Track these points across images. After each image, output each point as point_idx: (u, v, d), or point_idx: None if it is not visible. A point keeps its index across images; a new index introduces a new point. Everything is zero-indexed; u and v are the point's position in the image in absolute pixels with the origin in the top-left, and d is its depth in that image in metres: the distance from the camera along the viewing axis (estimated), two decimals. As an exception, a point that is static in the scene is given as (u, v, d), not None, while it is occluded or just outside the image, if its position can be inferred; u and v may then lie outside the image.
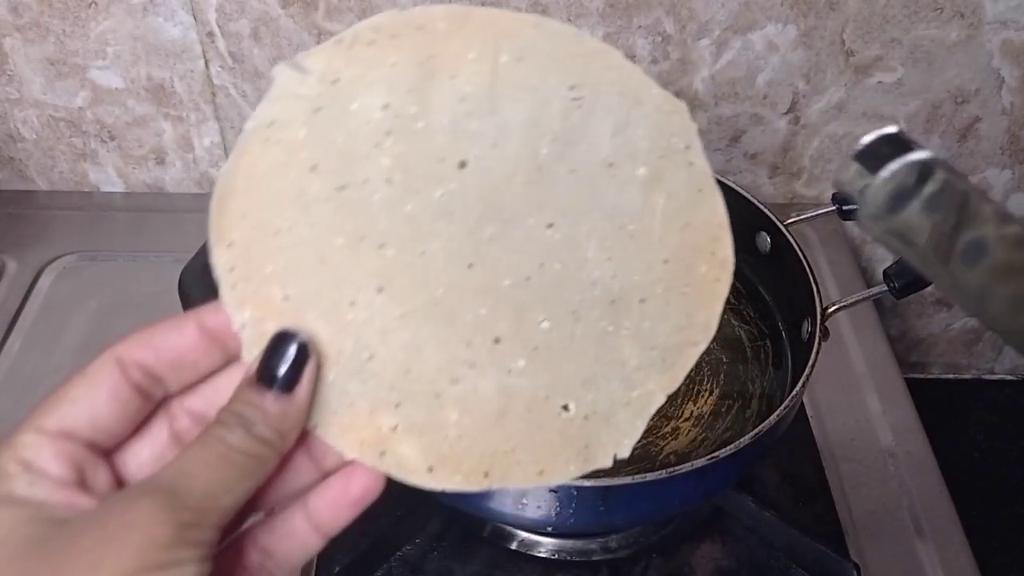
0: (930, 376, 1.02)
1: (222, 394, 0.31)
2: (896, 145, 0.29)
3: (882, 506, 0.65)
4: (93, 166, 0.87)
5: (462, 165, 0.33)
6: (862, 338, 0.76)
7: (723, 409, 0.60)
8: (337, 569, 0.56)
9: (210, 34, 0.77)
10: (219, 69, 0.79)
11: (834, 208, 0.61)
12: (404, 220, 0.33)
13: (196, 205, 0.87)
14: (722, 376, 0.62)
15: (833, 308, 0.57)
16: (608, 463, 0.35)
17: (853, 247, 0.89)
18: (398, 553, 0.59)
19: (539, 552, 0.60)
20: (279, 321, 0.31)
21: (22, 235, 0.83)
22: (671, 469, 0.47)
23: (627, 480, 0.47)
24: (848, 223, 0.84)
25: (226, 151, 0.85)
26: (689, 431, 0.59)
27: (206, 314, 0.31)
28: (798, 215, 0.62)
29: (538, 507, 0.49)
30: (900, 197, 0.29)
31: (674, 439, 0.58)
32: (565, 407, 0.34)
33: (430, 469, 0.33)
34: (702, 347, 0.35)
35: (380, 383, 0.32)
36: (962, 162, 0.85)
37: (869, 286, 0.59)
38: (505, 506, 0.49)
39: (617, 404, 0.35)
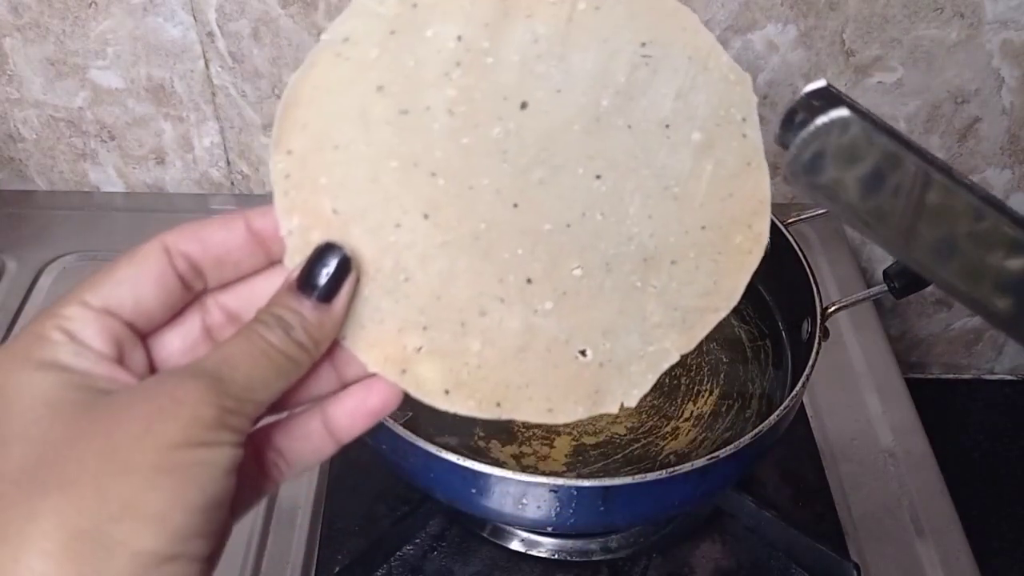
0: (930, 376, 1.02)
1: (258, 295, 0.32)
2: (824, 100, 0.30)
3: (882, 506, 0.65)
4: (93, 166, 0.87)
5: (523, 106, 0.33)
6: (862, 338, 0.76)
7: (723, 409, 0.60)
8: (337, 569, 0.56)
9: (210, 34, 0.77)
10: (219, 69, 0.79)
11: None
12: (459, 152, 0.33)
13: (196, 205, 0.87)
14: (722, 376, 0.62)
15: (833, 308, 0.57)
16: (614, 410, 0.36)
17: (853, 247, 0.89)
18: (398, 553, 0.59)
19: (539, 552, 0.60)
20: (325, 232, 0.32)
21: (22, 235, 0.83)
22: (671, 469, 0.47)
23: (627, 480, 0.47)
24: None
25: (226, 151, 0.85)
26: (689, 431, 0.59)
27: (255, 216, 0.32)
28: (798, 215, 0.62)
29: (538, 507, 0.49)
30: (818, 155, 0.30)
31: (674, 439, 0.58)
32: (583, 352, 0.35)
33: (446, 392, 0.35)
34: (723, 314, 0.36)
35: (411, 305, 0.34)
36: (962, 162, 0.85)
37: (869, 286, 0.59)
38: (505, 506, 0.49)
39: (633, 356, 0.36)
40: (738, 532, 0.61)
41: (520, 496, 0.48)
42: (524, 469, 0.56)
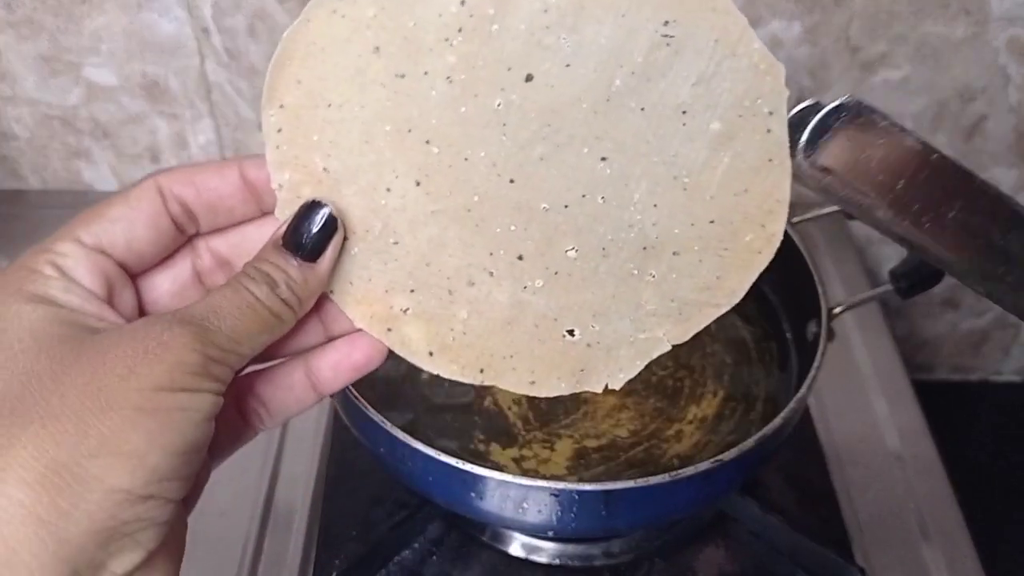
0: (937, 378, 1.01)
1: (250, 242, 0.33)
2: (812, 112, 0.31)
3: (888, 510, 0.64)
4: (87, 164, 0.86)
5: (528, 78, 0.32)
6: (868, 339, 0.76)
7: (727, 412, 0.59)
8: (334, 574, 0.56)
9: (205, 30, 0.76)
10: (214, 66, 0.78)
11: (839, 208, 0.60)
12: (456, 121, 0.32)
13: (192, 204, 0.87)
14: (726, 378, 0.61)
15: (839, 309, 0.56)
16: (598, 389, 0.36)
17: (858, 247, 0.88)
18: (396, 558, 0.58)
19: (540, 557, 0.59)
20: (315, 190, 0.33)
21: (15, 234, 0.82)
22: (674, 473, 0.46)
23: (630, 484, 0.46)
24: (854, 223, 0.83)
25: (221, 149, 0.84)
26: (693, 434, 0.58)
27: (249, 165, 0.33)
28: (803, 215, 0.62)
29: (539, 511, 0.48)
30: (827, 137, 0.31)
31: (677, 442, 0.57)
32: (571, 331, 0.35)
33: (430, 353, 0.35)
34: (722, 310, 0.35)
35: (400, 268, 0.34)
36: (969, 160, 0.84)
37: (875, 287, 0.58)
38: (505, 510, 0.49)
39: (622, 340, 0.35)
40: (742, 536, 0.60)
41: (521, 500, 0.47)
42: (525, 473, 0.55)
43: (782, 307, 0.63)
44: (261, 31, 0.76)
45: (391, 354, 0.36)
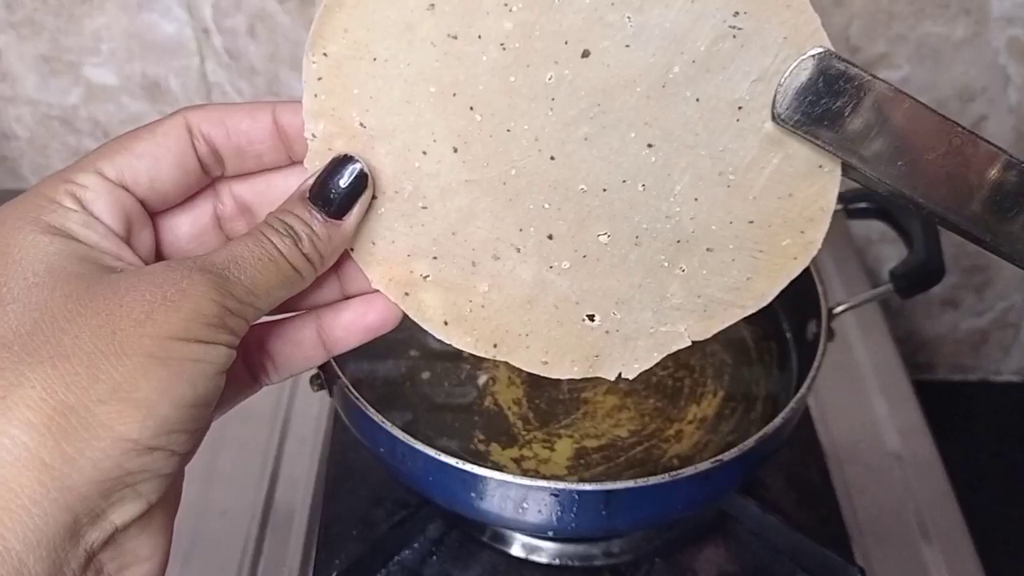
0: (936, 378, 1.01)
1: (275, 191, 0.32)
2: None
3: (888, 509, 0.64)
4: (88, 165, 0.86)
5: (585, 54, 0.31)
6: (868, 339, 0.76)
7: (727, 411, 0.59)
8: (335, 574, 0.56)
9: (205, 30, 0.76)
10: (215, 66, 0.78)
11: (840, 207, 0.60)
12: (503, 90, 0.32)
13: (192, 204, 0.87)
14: (726, 378, 0.61)
15: (839, 309, 0.56)
16: (611, 376, 0.35)
17: (859, 247, 0.88)
18: (396, 558, 0.58)
19: (540, 557, 0.59)
20: (349, 144, 0.32)
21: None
22: (674, 472, 0.46)
23: (630, 484, 0.46)
24: (854, 223, 0.83)
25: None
26: (693, 434, 0.58)
27: (284, 110, 0.32)
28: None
29: (539, 511, 0.48)
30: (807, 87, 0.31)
31: (677, 442, 0.57)
32: (591, 316, 0.35)
33: (445, 323, 0.35)
34: (748, 312, 0.35)
35: (425, 233, 0.33)
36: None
37: (875, 286, 0.58)
38: (505, 510, 0.49)
39: (642, 331, 0.35)
40: (742, 536, 0.60)
41: (521, 500, 0.47)
42: (525, 473, 0.55)
43: (782, 307, 0.63)
44: (261, 32, 0.76)
45: (392, 355, 0.35)
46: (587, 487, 0.46)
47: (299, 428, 0.67)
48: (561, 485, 0.46)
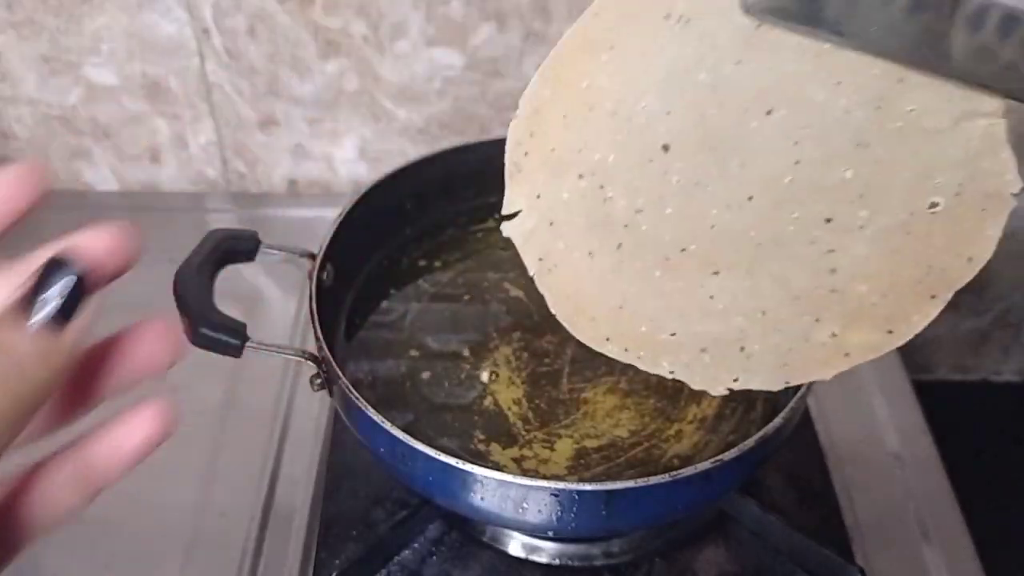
0: (936, 378, 1.01)
1: None
2: None
3: (888, 510, 0.64)
4: (87, 165, 0.86)
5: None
6: (867, 339, 0.75)
7: (727, 411, 0.59)
8: (334, 574, 0.55)
9: (206, 31, 0.76)
10: (215, 66, 0.78)
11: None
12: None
13: (191, 204, 0.87)
14: (726, 378, 0.61)
15: (839, 308, 0.56)
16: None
17: (857, 247, 0.88)
18: (396, 558, 0.58)
19: (540, 557, 0.59)
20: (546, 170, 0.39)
21: (15, 234, 0.81)
22: (674, 472, 0.46)
23: (629, 484, 0.46)
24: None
25: (221, 149, 0.84)
26: (693, 434, 0.58)
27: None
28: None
29: (539, 511, 0.48)
30: None
31: (677, 442, 0.57)
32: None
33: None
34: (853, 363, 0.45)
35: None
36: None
37: (875, 286, 0.58)
38: (505, 510, 0.49)
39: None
40: (742, 536, 0.60)
41: (521, 500, 0.47)
42: (525, 473, 0.55)
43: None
44: (261, 31, 0.76)
45: (392, 355, 0.35)
46: (587, 487, 0.46)
47: (299, 428, 0.67)
48: (561, 485, 0.46)
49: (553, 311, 0.45)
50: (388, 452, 0.50)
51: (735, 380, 0.45)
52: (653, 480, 0.46)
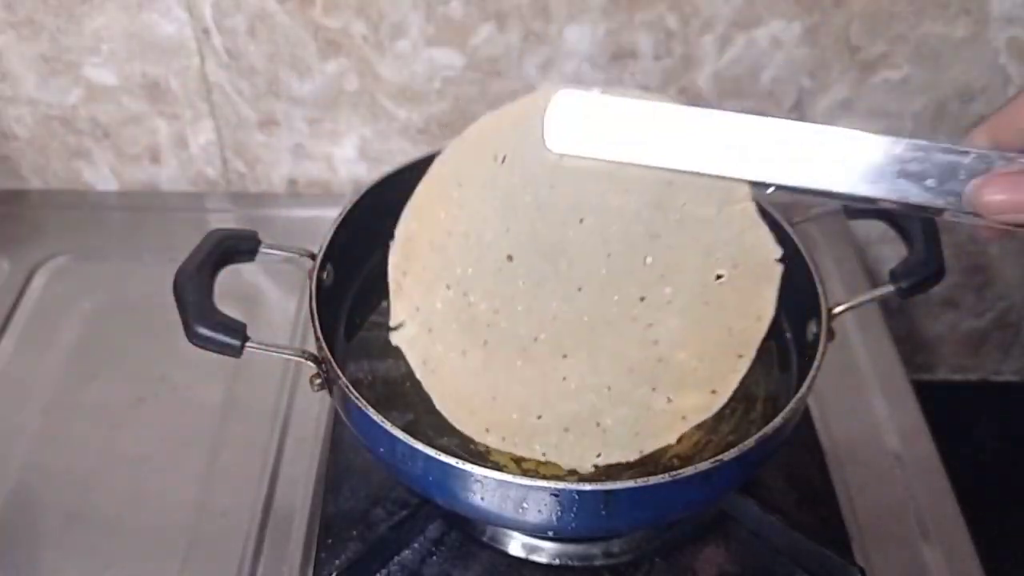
0: (936, 378, 1.01)
1: None
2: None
3: (888, 510, 0.64)
4: (87, 165, 0.86)
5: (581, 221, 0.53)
6: (868, 339, 0.76)
7: (727, 412, 0.59)
8: (334, 575, 0.56)
9: (206, 30, 0.76)
10: (215, 66, 0.78)
11: (840, 208, 0.60)
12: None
13: (191, 204, 0.87)
14: (726, 378, 0.61)
15: (839, 309, 0.56)
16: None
17: (859, 247, 0.88)
18: (396, 558, 0.58)
19: (540, 557, 0.59)
20: None
21: (15, 235, 0.82)
22: (674, 472, 0.46)
23: (629, 484, 0.46)
24: (854, 223, 0.83)
25: (221, 149, 0.84)
26: (692, 434, 0.58)
27: None
28: (803, 215, 0.61)
29: (539, 511, 0.48)
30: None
31: (677, 442, 0.57)
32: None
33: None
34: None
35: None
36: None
37: (875, 286, 0.58)
38: (505, 510, 0.49)
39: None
40: (742, 536, 0.60)
41: (521, 500, 0.47)
42: (525, 472, 0.55)
43: (782, 307, 0.63)
44: (261, 31, 0.76)
45: (392, 355, 0.35)
46: (587, 487, 0.46)
47: (299, 428, 0.67)
48: (561, 485, 0.46)
49: (439, 408, 0.52)
50: (388, 452, 0.50)
51: (598, 456, 0.51)
52: (653, 480, 0.46)
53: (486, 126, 0.52)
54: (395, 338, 0.53)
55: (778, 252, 0.51)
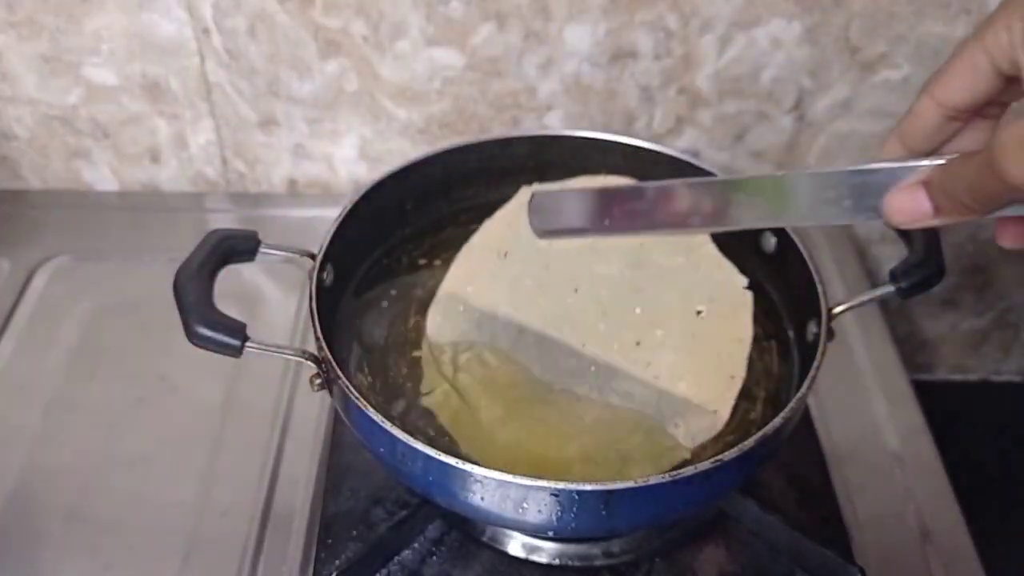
0: (936, 378, 1.01)
1: None
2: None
3: (888, 510, 0.64)
4: (87, 164, 0.86)
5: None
6: (868, 339, 0.76)
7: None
8: (334, 575, 0.56)
9: (206, 30, 0.76)
10: (215, 66, 0.78)
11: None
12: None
13: (191, 204, 0.87)
14: (726, 378, 0.61)
15: (839, 309, 0.56)
16: None
17: (859, 247, 0.88)
18: (396, 558, 0.58)
19: (540, 557, 0.59)
20: None
21: (15, 234, 0.82)
22: (674, 472, 0.46)
23: (630, 483, 0.46)
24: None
25: (221, 149, 0.84)
26: (693, 434, 0.58)
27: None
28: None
29: (539, 511, 0.48)
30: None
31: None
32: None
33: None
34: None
35: None
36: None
37: (875, 286, 0.58)
38: (505, 510, 0.49)
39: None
40: (742, 536, 0.60)
41: (521, 500, 0.48)
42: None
43: (783, 307, 0.63)
44: (261, 31, 0.76)
45: (390, 352, 0.35)
46: (587, 487, 0.46)
47: (299, 428, 0.67)
48: (561, 485, 0.46)
49: (466, 454, 0.56)
50: (388, 452, 0.50)
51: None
52: (653, 480, 0.46)
53: (488, 230, 0.65)
54: (426, 401, 0.59)
55: (744, 281, 0.62)
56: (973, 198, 0.37)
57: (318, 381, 0.53)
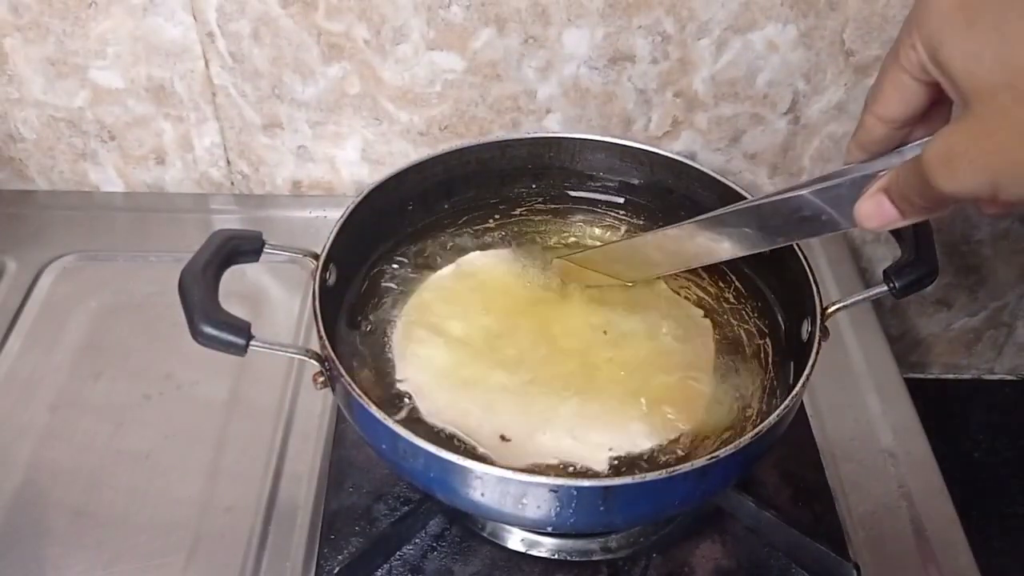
0: (930, 376, 1.02)
1: None
2: None
3: (882, 506, 0.65)
4: (93, 166, 0.87)
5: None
6: (862, 338, 0.76)
7: (724, 409, 0.60)
8: (337, 569, 0.56)
9: (210, 34, 0.77)
10: (219, 69, 0.79)
11: None
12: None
13: (196, 205, 0.87)
14: (722, 376, 0.62)
15: (833, 308, 0.56)
16: None
17: (853, 247, 0.89)
18: (398, 553, 0.59)
19: (539, 552, 0.59)
20: None
21: (22, 235, 0.83)
22: (671, 469, 0.47)
23: (627, 480, 0.47)
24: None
25: (226, 151, 0.85)
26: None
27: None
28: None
29: (538, 507, 0.48)
30: None
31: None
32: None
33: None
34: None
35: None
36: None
37: (869, 286, 0.58)
38: (505, 506, 0.49)
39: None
40: (738, 532, 0.61)
41: (520, 496, 0.48)
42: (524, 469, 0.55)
43: (778, 306, 0.64)
44: (265, 35, 0.77)
45: (391, 352, 0.35)
46: (585, 483, 0.47)
47: (302, 425, 0.68)
48: (560, 481, 0.47)
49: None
50: (390, 448, 0.50)
51: (610, 450, 0.55)
52: (650, 476, 0.47)
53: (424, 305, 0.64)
54: (401, 387, 0.59)
55: (700, 313, 0.65)
56: (926, 202, 0.38)
57: (321, 379, 0.53)
